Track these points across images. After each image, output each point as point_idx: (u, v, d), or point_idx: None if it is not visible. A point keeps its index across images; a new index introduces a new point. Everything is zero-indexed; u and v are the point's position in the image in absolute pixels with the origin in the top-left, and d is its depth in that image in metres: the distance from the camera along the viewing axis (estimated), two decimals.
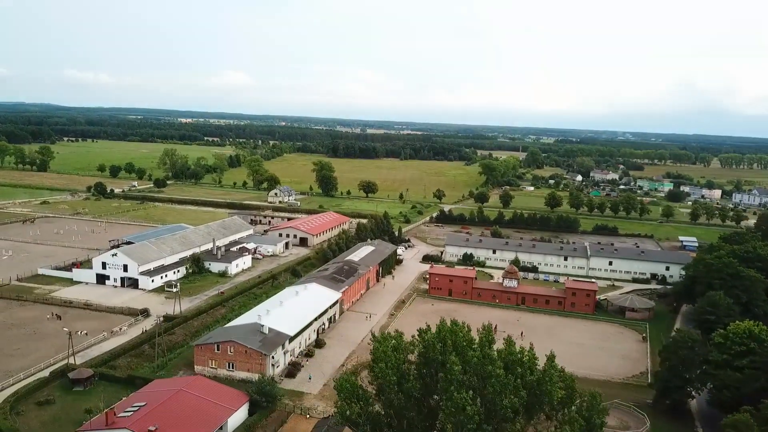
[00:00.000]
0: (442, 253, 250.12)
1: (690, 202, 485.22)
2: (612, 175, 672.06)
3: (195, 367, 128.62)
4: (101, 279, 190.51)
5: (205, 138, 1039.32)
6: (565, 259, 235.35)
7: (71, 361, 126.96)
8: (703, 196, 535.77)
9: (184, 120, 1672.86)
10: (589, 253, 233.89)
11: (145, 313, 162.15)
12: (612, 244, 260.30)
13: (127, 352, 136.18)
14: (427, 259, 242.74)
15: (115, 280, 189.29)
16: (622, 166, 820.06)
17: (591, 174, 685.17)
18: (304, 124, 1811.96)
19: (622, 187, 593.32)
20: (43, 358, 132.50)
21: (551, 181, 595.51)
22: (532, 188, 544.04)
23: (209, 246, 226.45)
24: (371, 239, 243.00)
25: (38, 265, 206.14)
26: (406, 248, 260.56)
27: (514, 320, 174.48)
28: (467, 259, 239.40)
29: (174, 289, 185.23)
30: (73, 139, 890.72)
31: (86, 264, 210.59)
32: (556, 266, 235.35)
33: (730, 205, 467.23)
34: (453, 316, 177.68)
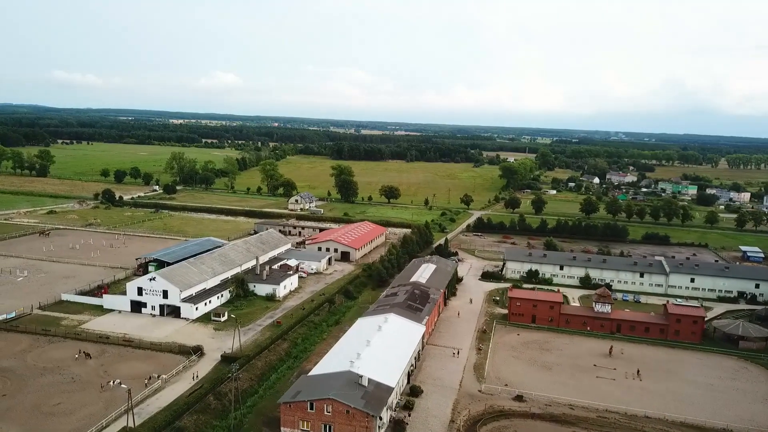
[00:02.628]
0: (501, 268, 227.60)
1: (722, 206, 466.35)
2: (630, 178, 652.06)
3: (282, 429, 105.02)
4: (136, 306, 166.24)
5: (203, 140, 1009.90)
6: (641, 275, 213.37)
7: (130, 423, 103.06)
8: (731, 200, 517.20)
9: (175, 121, 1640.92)
10: (667, 269, 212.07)
11: (199, 351, 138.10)
12: (688, 258, 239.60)
13: (191, 407, 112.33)
14: (487, 276, 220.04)
15: (153, 307, 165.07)
16: (631, 167, 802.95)
17: (607, 176, 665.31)
18: (297, 125, 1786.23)
19: (644, 190, 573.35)
20: (93, 417, 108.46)
21: (571, 184, 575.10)
22: (554, 192, 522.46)
23: (250, 264, 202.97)
24: (430, 255, 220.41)
25: (60, 289, 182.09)
26: (456, 262, 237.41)
27: (617, 352, 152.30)
28: (532, 276, 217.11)
29: (222, 318, 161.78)
30: (68, 141, 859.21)
31: (114, 286, 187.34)
32: (630, 284, 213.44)
33: (764, 209, 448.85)
34: (545, 348, 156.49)
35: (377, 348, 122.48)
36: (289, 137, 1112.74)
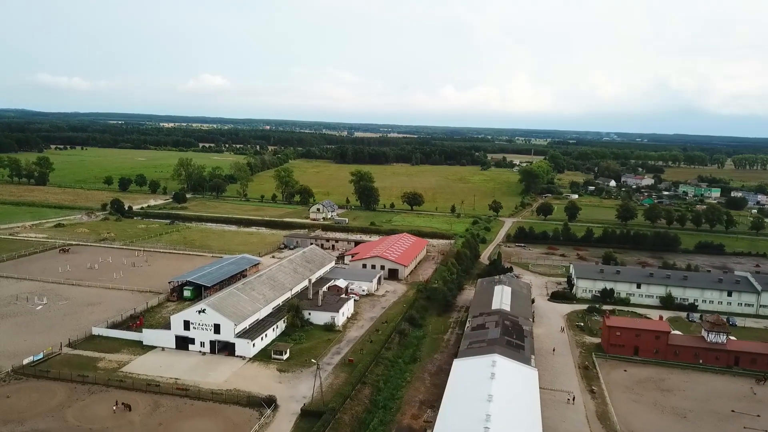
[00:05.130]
0: (570, 287, 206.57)
1: (754, 210, 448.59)
2: (647, 180, 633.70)
3: None
4: (182, 342, 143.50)
5: (200, 144, 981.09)
6: (729, 294, 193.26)
7: None
8: (759, 203, 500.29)
9: (166, 125, 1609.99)
10: (759, 287, 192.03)
11: (272, 404, 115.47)
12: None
13: None
14: (557, 297, 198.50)
15: (202, 344, 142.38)
16: (640, 168, 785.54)
17: (622, 179, 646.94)
18: (289, 128, 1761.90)
19: (666, 193, 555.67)
20: None
21: (591, 188, 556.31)
22: (576, 196, 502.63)
23: (300, 287, 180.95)
24: (493, 273, 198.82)
25: (87, 320, 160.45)
26: (530, 283, 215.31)
27: (749, 392, 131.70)
28: (606, 296, 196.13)
29: (284, 356, 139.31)
30: (61, 146, 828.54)
31: (150, 316, 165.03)
32: (717, 303, 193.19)
33: None
34: (664, 388, 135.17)
35: (502, 403, 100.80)
36: (286, 140, 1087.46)
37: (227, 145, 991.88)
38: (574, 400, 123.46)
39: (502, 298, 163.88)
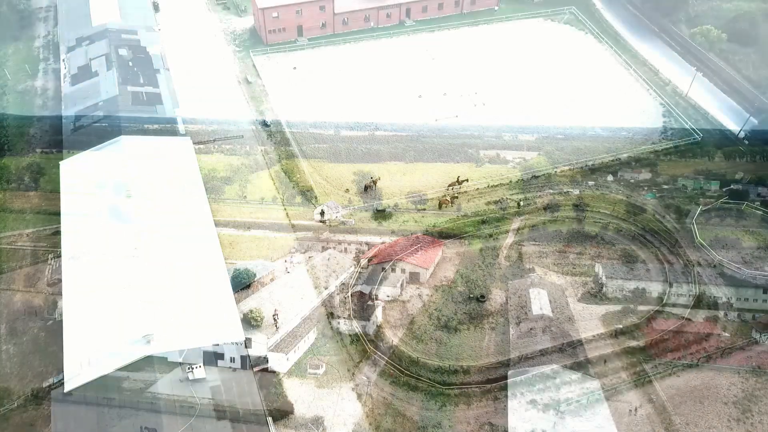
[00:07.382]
0: (600, 288, 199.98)
1: (758, 203, 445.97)
2: (645, 174, 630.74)
3: None
4: (211, 358, 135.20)
5: None
6: (765, 291, 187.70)
7: None
8: (759, 194, 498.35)
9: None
10: None
11: (320, 426, 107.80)
12: None
13: None
14: (586, 298, 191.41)
15: (232, 359, 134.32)
16: (634, 163, 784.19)
17: (619, 174, 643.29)
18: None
19: (665, 187, 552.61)
20: None
21: (590, 183, 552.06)
22: (577, 192, 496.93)
23: (325, 294, 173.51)
24: (528, 276, 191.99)
25: None
26: (562, 285, 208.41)
27: None
28: (639, 296, 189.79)
29: (320, 370, 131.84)
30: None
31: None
32: (752, 301, 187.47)
33: None
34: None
35: (575, 421, 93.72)
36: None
37: (216, 146, 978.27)
38: (636, 410, 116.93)
39: (540, 302, 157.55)
